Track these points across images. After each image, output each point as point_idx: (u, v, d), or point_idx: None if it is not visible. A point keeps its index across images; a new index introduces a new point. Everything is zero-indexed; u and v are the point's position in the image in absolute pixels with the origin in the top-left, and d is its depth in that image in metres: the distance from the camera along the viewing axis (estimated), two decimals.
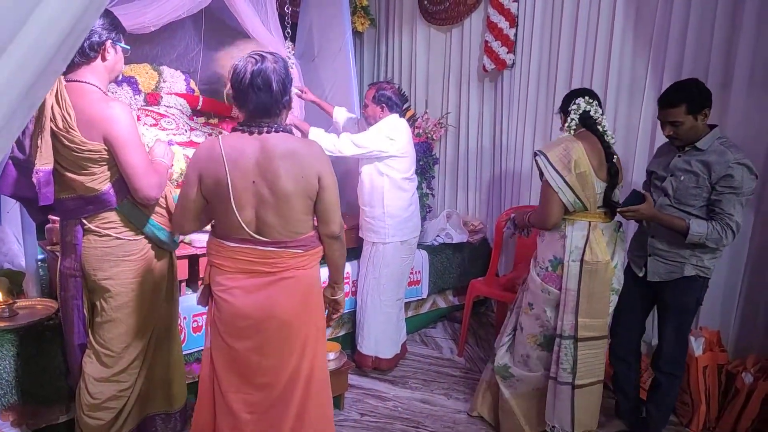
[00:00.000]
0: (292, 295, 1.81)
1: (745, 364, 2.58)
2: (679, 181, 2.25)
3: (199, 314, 2.63)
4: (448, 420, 2.76)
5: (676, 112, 2.19)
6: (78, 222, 1.94)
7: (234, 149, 1.71)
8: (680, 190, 2.24)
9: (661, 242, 2.32)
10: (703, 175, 2.18)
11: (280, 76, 1.72)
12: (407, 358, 3.38)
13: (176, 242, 2.17)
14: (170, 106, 3.36)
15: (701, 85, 2.23)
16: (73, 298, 2.01)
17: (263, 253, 1.77)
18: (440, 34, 4.24)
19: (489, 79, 3.98)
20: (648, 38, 3.01)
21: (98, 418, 2.03)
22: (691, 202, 2.22)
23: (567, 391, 2.33)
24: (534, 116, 3.68)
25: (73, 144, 1.82)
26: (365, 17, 4.43)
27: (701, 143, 2.22)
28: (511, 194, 3.92)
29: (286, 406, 1.85)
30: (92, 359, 2.02)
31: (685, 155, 2.26)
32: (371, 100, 3.08)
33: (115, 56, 1.94)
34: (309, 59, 4.00)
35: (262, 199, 1.72)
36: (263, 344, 1.82)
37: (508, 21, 3.68)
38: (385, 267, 3.08)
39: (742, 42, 2.60)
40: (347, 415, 2.77)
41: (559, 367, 2.33)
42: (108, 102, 1.87)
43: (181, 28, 3.67)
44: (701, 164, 2.19)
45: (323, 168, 1.76)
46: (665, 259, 2.32)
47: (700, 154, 2.21)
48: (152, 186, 1.91)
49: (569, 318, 2.29)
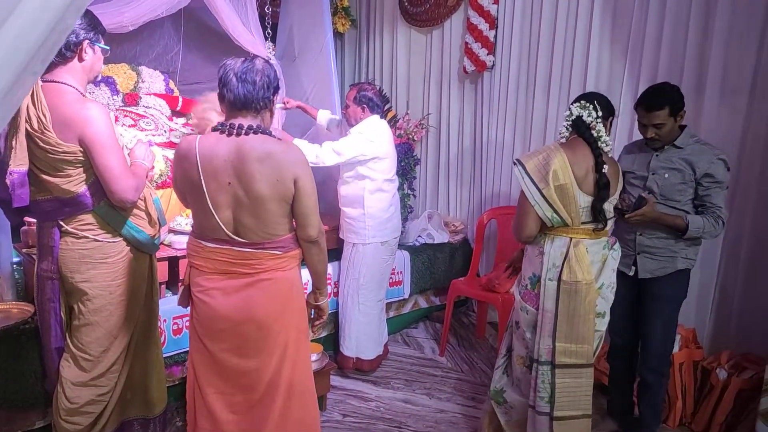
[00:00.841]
0: (270, 297, 1.80)
1: (720, 360, 2.64)
2: (663, 179, 2.30)
3: (179, 316, 2.61)
4: (430, 420, 2.77)
5: (661, 114, 2.23)
6: (55, 224, 1.90)
7: (209, 149, 1.71)
8: (666, 187, 2.30)
9: (650, 239, 2.34)
10: (688, 171, 2.27)
11: (266, 76, 1.73)
12: (389, 358, 3.38)
13: (156, 245, 2.14)
14: (149, 106, 3.32)
15: (676, 87, 2.31)
16: (50, 301, 1.98)
17: (241, 254, 1.76)
18: (421, 36, 4.26)
19: (469, 81, 4.01)
20: (624, 43, 3.07)
21: (76, 423, 1.99)
22: (677, 197, 2.30)
23: (545, 422, 2.15)
24: (514, 117, 3.72)
25: (47, 145, 1.78)
26: (346, 18, 4.43)
27: (679, 142, 2.30)
28: (491, 195, 3.95)
29: (268, 407, 1.84)
30: (70, 363, 1.98)
31: (665, 153, 2.32)
32: (352, 100, 3.08)
33: (93, 57, 1.91)
34: (290, 60, 3.99)
35: (238, 201, 1.72)
36: (242, 346, 1.81)
37: (488, 23, 3.72)
38: (366, 268, 3.08)
39: (714, 49, 2.67)
40: (329, 416, 2.76)
41: (537, 394, 2.15)
42: (84, 103, 1.83)
43: (160, 28, 3.64)
44: (684, 161, 2.28)
45: (300, 171, 1.73)
46: (655, 255, 2.35)
47: (680, 152, 2.30)
48: (128, 189, 1.87)
49: (546, 341, 2.12)
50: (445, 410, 2.85)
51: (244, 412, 1.85)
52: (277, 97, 1.79)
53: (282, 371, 1.84)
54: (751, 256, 2.71)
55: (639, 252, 2.38)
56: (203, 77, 3.90)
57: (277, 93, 1.79)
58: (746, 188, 2.68)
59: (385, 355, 3.35)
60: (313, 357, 2.68)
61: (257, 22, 3.57)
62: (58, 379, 1.99)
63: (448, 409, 2.87)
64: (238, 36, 3.45)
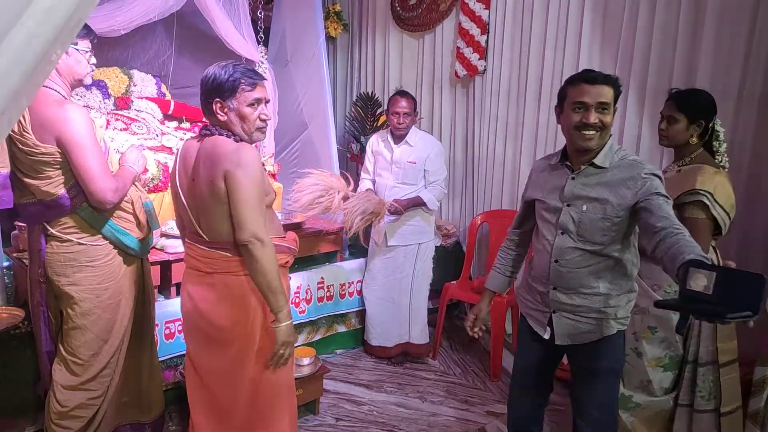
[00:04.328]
0: (222, 301, 1.80)
1: None
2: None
3: (171, 321, 2.60)
4: (423, 423, 2.77)
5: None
6: (41, 228, 1.91)
7: (186, 148, 1.83)
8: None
9: (567, 294, 1.81)
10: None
11: (206, 81, 1.75)
12: (380, 361, 3.39)
13: (146, 249, 2.13)
14: (141, 110, 3.31)
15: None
16: (39, 305, 1.99)
17: (200, 251, 1.81)
18: (413, 40, 4.28)
19: (461, 85, 4.04)
20: (614, 49, 3.10)
21: (66, 427, 1.99)
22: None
23: (708, 419, 2.18)
24: (505, 121, 3.74)
25: (26, 147, 1.79)
26: (338, 22, 4.45)
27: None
28: (483, 198, 3.97)
29: (229, 413, 1.88)
30: (61, 367, 1.98)
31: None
32: (413, 110, 3.22)
33: (68, 59, 1.86)
34: (282, 64, 4.00)
35: (195, 198, 1.78)
36: (204, 344, 1.87)
37: (479, 28, 3.74)
38: (430, 261, 3.37)
39: (703, 55, 2.70)
40: (322, 420, 2.76)
41: (697, 394, 2.18)
42: (63, 104, 1.83)
43: (152, 32, 3.64)
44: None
45: (231, 168, 1.65)
46: (575, 315, 1.82)
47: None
48: (107, 190, 1.87)
49: (706, 343, 2.15)
50: (438, 413, 2.86)
51: (212, 411, 1.90)
52: (236, 99, 1.73)
53: (238, 380, 1.83)
54: (738, 257, 2.73)
55: (554, 310, 1.85)
56: (195, 81, 3.80)
57: (221, 97, 1.73)
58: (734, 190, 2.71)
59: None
60: (305, 361, 2.68)
61: (250, 27, 3.57)
62: (50, 383, 1.99)
63: (441, 412, 2.87)
64: (231, 40, 3.45)
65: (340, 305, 3.39)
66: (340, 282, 3.37)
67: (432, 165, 3.21)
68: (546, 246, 1.85)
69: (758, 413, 2.23)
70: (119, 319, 2.04)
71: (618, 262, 1.78)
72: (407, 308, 3.34)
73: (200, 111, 3.78)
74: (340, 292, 3.38)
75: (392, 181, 3.24)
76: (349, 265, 3.49)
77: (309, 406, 2.78)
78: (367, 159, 3.42)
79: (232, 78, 1.72)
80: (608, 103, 1.74)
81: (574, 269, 1.79)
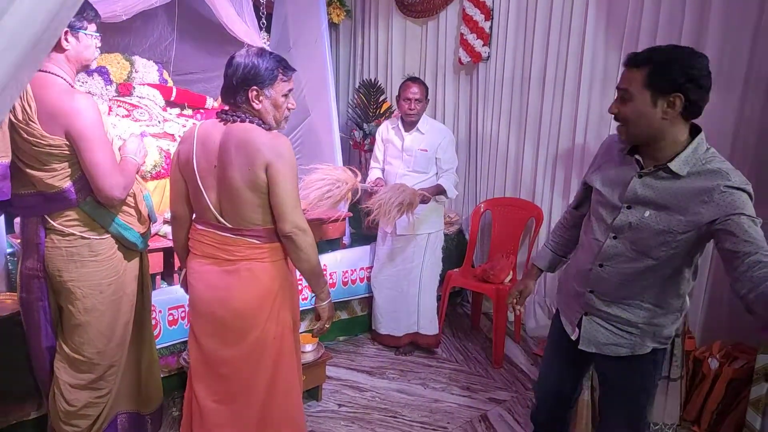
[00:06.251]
0: (248, 288, 1.79)
1: (711, 350, 2.67)
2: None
3: (174, 307, 2.61)
4: (425, 409, 2.79)
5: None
6: (40, 220, 1.82)
7: (205, 132, 1.77)
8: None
9: (605, 302, 1.61)
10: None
11: (239, 70, 1.71)
12: (383, 349, 3.40)
13: (145, 243, 2.07)
14: (143, 96, 3.30)
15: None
16: (38, 300, 1.91)
17: (222, 238, 1.78)
18: (416, 27, 4.24)
19: (465, 72, 4.01)
20: (620, 34, 3.07)
21: (75, 426, 1.96)
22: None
23: (677, 387, 2.29)
24: (509, 108, 3.72)
25: (32, 138, 1.70)
26: (341, 8, 4.42)
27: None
28: (486, 186, 3.96)
29: (247, 403, 1.86)
30: (65, 365, 1.93)
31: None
32: (425, 96, 3.16)
33: (78, 45, 1.79)
34: (284, 50, 3.96)
35: (221, 184, 1.75)
36: (220, 333, 1.83)
37: (483, 14, 3.71)
38: (439, 251, 3.35)
39: (709, 40, 2.67)
40: (325, 406, 2.78)
41: (673, 364, 2.24)
42: (73, 94, 1.74)
43: (154, 18, 3.61)
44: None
45: (273, 159, 1.67)
46: (609, 323, 1.63)
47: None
48: (116, 186, 1.79)
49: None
50: (440, 400, 2.87)
51: (226, 402, 1.86)
52: (273, 88, 1.74)
53: (261, 366, 1.84)
54: None
55: (587, 312, 1.67)
56: (197, 67, 3.88)
57: (259, 85, 1.72)
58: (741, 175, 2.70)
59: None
60: (308, 348, 2.69)
61: (252, 12, 3.55)
62: (50, 380, 1.95)
63: (443, 398, 2.89)
64: (233, 26, 3.43)
65: (343, 292, 3.40)
66: (342, 269, 3.37)
67: (444, 153, 3.18)
68: (593, 246, 1.63)
69: (760, 401, 2.23)
70: (122, 315, 1.99)
71: (672, 278, 1.54)
72: (416, 299, 3.32)
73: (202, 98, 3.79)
74: (343, 280, 3.38)
75: (403, 169, 3.21)
76: (352, 252, 3.49)
77: (312, 392, 2.80)
78: (376, 147, 3.39)
79: (271, 67, 1.73)
80: (626, 89, 1.48)
81: (620, 279, 1.57)
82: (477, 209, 3.79)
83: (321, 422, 2.63)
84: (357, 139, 4.28)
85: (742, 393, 2.45)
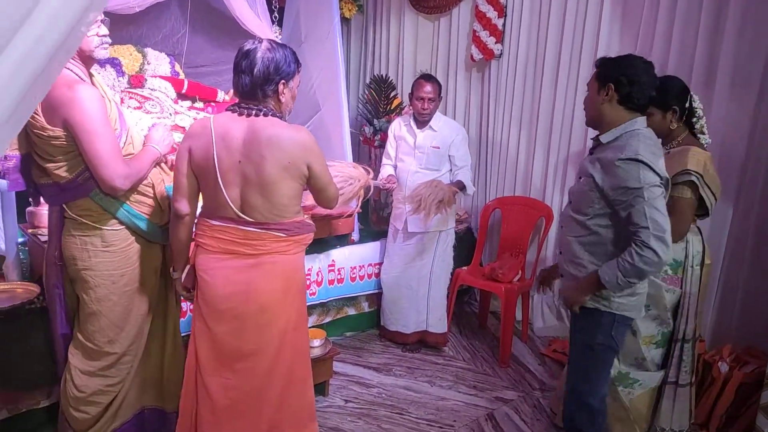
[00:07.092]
0: (272, 280, 1.80)
1: (721, 353, 2.65)
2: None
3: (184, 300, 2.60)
4: (431, 406, 2.78)
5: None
6: (60, 209, 1.87)
7: (223, 126, 1.74)
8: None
9: (566, 262, 2.00)
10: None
11: (265, 64, 1.70)
12: (390, 345, 3.40)
13: (165, 234, 2.03)
14: (154, 89, 3.30)
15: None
16: (55, 287, 1.95)
17: (245, 233, 1.77)
18: (428, 23, 4.22)
19: (476, 69, 3.99)
20: (635, 34, 3.04)
21: (85, 412, 1.98)
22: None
23: (686, 393, 2.34)
24: (521, 107, 3.70)
25: (37, 130, 1.73)
26: (353, 3, 4.40)
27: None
28: (496, 184, 3.94)
29: (265, 396, 1.85)
30: (78, 351, 1.96)
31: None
32: (438, 94, 3.16)
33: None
34: (296, 44, 3.95)
35: (247, 180, 1.73)
36: (241, 329, 1.81)
37: (496, 11, 3.68)
38: (451, 249, 3.36)
39: (725, 43, 2.65)
40: (331, 401, 2.78)
41: (681, 369, 2.30)
42: (72, 84, 1.72)
43: (167, 10, 3.61)
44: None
45: (311, 157, 1.77)
46: (567, 281, 2.02)
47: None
48: (116, 176, 1.77)
49: (692, 322, 2.27)
50: (447, 398, 2.87)
51: (241, 397, 1.85)
52: (294, 80, 1.79)
53: (280, 357, 1.85)
54: (755, 250, 2.70)
55: (561, 274, 2.08)
56: (209, 60, 3.87)
57: (285, 78, 1.75)
58: (752, 182, 2.67)
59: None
60: (315, 343, 2.69)
61: (264, 6, 3.55)
62: (65, 366, 1.97)
63: (449, 396, 2.88)
64: (245, 19, 3.43)
65: (352, 288, 3.40)
66: (351, 265, 3.37)
67: (458, 151, 3.17)
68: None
69: None
70: (136, 307, 1.99)
71: (600, 237, 1.86)
72: (426, 296, 3.31)
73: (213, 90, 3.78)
74: (351, 276, 3.38)
75: (415, 166, 3.19)
76: (360, 248, 3.48)
77: (319, 388, 2.80)
78: (388, 144, 3.37)
79: (293, 60, 1.77)
80: (588, 84, 1.94)
81: (567, 236, 1.95)
82: (486, 207, 3.78)
83: (327, 417, 2.64)
84: (367, 135, 4.26)
85: (752, 397, 2.43)
